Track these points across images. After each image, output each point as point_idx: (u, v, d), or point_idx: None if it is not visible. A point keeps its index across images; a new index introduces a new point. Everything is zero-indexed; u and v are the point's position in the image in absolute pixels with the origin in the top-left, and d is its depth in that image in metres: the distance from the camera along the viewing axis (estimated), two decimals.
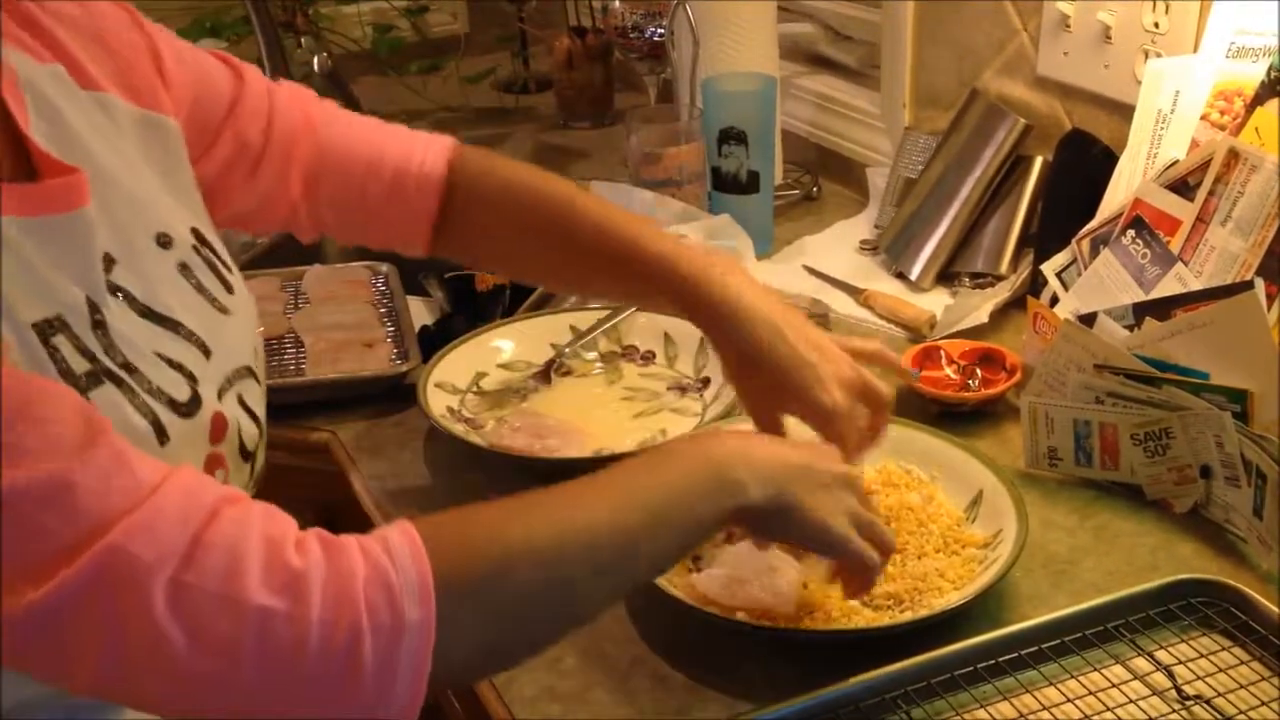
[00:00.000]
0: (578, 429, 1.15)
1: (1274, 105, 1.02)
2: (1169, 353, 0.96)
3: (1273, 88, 1.03)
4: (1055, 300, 1.13)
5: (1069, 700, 0.80)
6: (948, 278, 1.39)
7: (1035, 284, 1.20)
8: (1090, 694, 0.80)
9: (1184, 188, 1.05)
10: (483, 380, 1.24)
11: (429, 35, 2.22)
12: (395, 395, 1.22)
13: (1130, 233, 1.07)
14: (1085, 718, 0.78)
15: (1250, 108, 1.05)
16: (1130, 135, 1.15)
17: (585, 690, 0.86)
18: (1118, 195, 1.14)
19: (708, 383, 1.22)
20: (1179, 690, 0.79)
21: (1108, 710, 0.78)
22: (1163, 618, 0.85)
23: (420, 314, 1.36)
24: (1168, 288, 1.02)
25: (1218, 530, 0.97)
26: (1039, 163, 1.35)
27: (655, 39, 1.68)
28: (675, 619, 0.89)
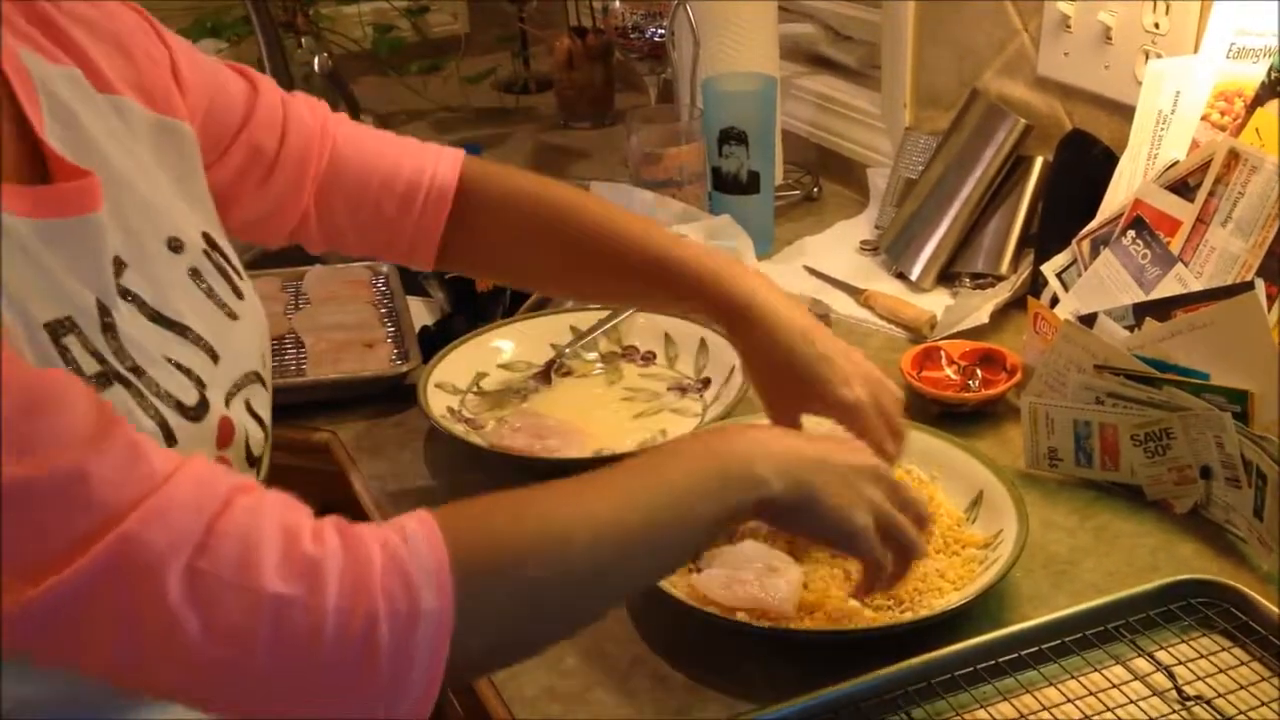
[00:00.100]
0: (578, 429, 1.15)
1: (1274, 106, 1.02)
2: (1169, 353, 0.96)
3: (1273, 88, 1.03)
4: (1055, 301, 1.13)
5: (1069, 700, 0.80)
6: (948, 278, 1.39)
7: (1035, 284, 1.20)
8: (1090, 694, 0.80)
9: (1184, 188, 1.05)
10: (483, 380, 1.24)
11: (429, 35, 2.22)
12: (396, 395, 1.22)
13: (1130, 233, 1.07)
14: (1085, 718, 0.78)
15: (1250, 108, 1.05)
16: (1131, 136, 1.15)
17: (585, 690, 0.86)
18: (1118, 196, 1.14)
19: (708, 383, 1.22)
20: (1179, 691, 0.79)
21: (1108, 710, 0.78)
22: (1163, 618, 0.85)
23: (420, 314, 1.37)
24: (1168, 288, 1.02)
25: (1218, 531, 0.97)
26: (1039, 163, 1.35)
27: (656, 39, 1.68)
28: (675, 619, 0.90)
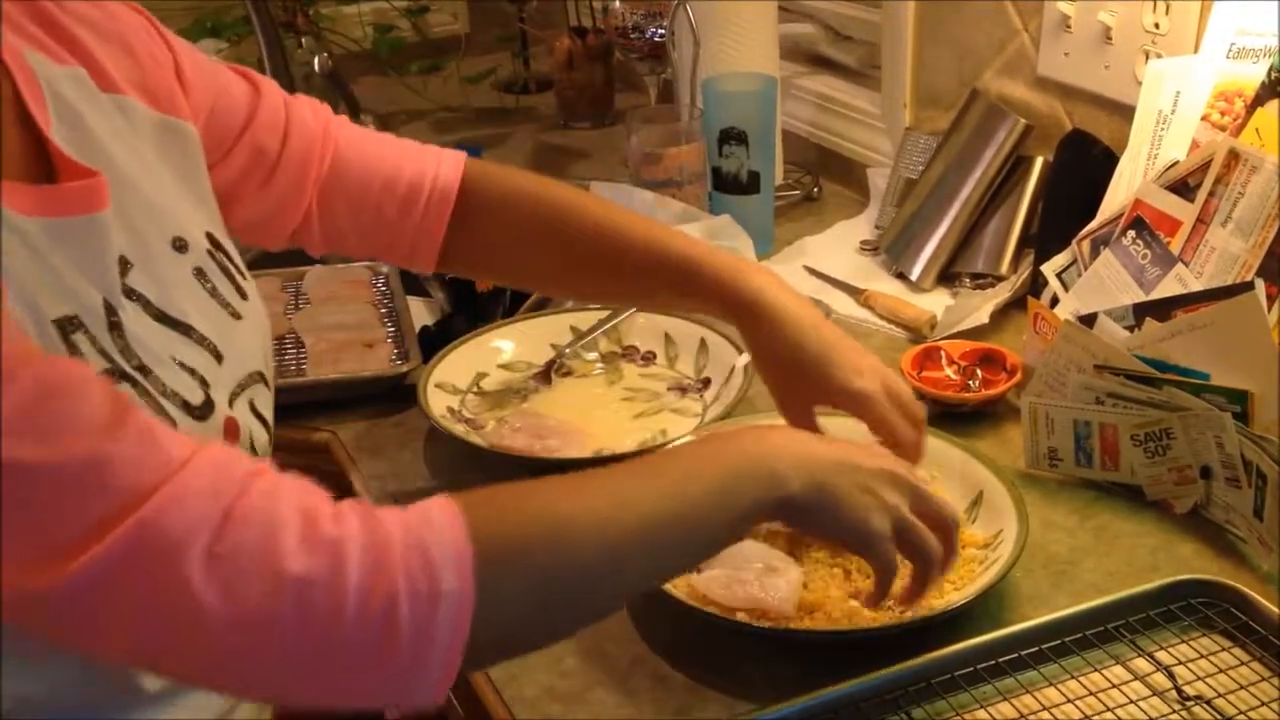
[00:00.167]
0: (578, 429, 1.15)
1: (1274, 106, 1.02)
2: (1169, 353, 0.96)
3: (1273, 88, 1.03)
4: (1055, 301, 1.13)
5: (1069, 701, 0.80)
6: (948, 278, 1.39)
7: (1035, 284, 1.20)
8: (1090, 694, 0.80)
9: (1184, 188, 1.05)
10: (483, 381, 1.24)
11: (429, 35, 2.22)
12: (396, 395, 1.22)
13: (1131, 233, 1.07)
14: (1085, 718, 0.78)
15: (1251, 108, 1.05)
16: (1131, 136, 1.15)
17: (585, 690, 0.86)
18: (1118, 196, 1.14)
19: (708, 383, 1.22)
20: (1179, 691, 0.79)
21: (1108, 710, 0.78)
22: (1163, 618, 0.85)
23: (421, 314, 1.37)
24: (1168, 288, 1.02)
25: (1218, 531, 0.97)
26: (1039, 163, 1.35)
27: (656, 39, 1.68)
28: (676, 619, 0.90)
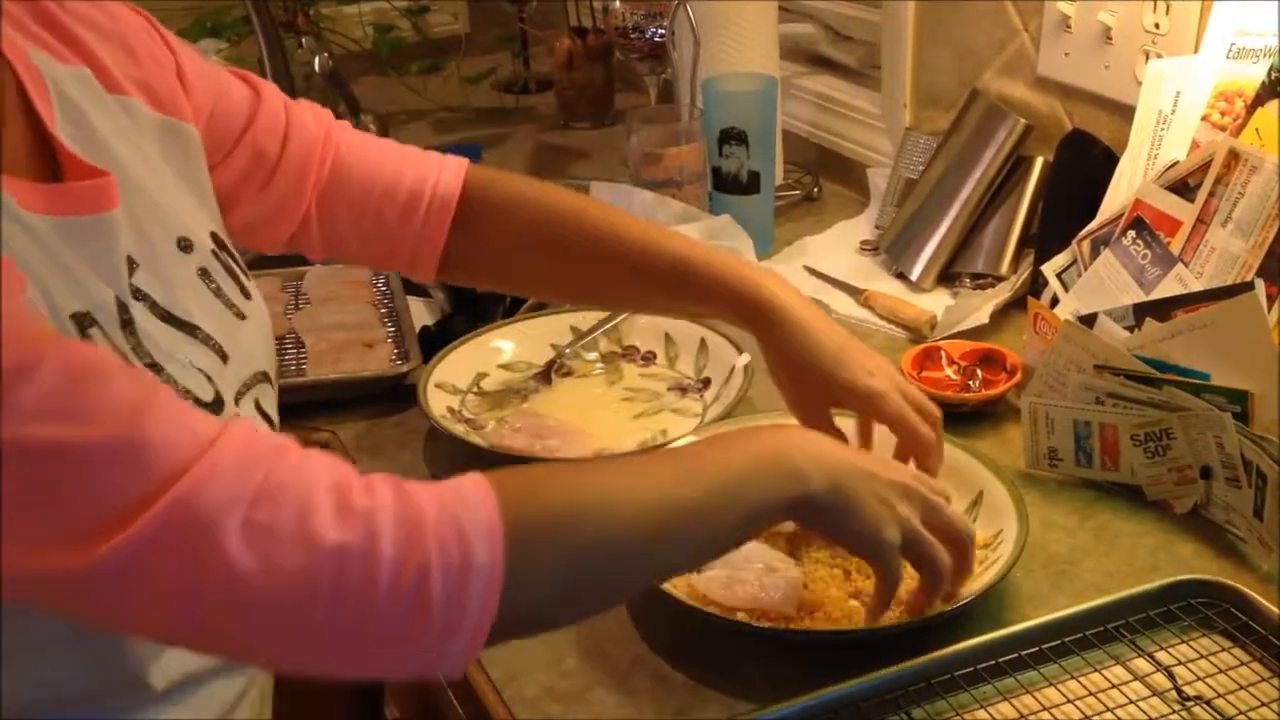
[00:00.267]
0: (578, 429, 1.15)
1: (1274, 106, 1.02)
2: (1169, 353, 0.96)
3: (1273, 88, 1.03)
4: (1056, 301, 1.13)
5: (1069, 701, 0.80)
6: (948, 278, 1.39)
7: (1036, 284, 1.20)
8: (1090, 695, 0.80)
9: (1184, 189, 1.05)
10: (483, 381, 1.24)
11: (429, 35, 2.22)
12: (396, 395, 1.22)
13: (1131, 233, 1.07)
14: (1085, 718, 0.78)
15: (1251, 109, 1.05)
16: (1131, 136, 1.15)
17: (585, 690, 0.86)
18: (1118, 196, 1.14)
19: (708, 383, 1.22)
20: (1179, 691, 0.79)
21: (1108, 711, 0.78)
22: (1163, 618, 0.85)
23: (421, 314, 1.36)
24: (1168, 289, 1.02)
25: (1218, 531, 0.97)
26: (1039, 163, 1.35)
27: (656, 39, 1.68)
28: (675, 619, 0.90)
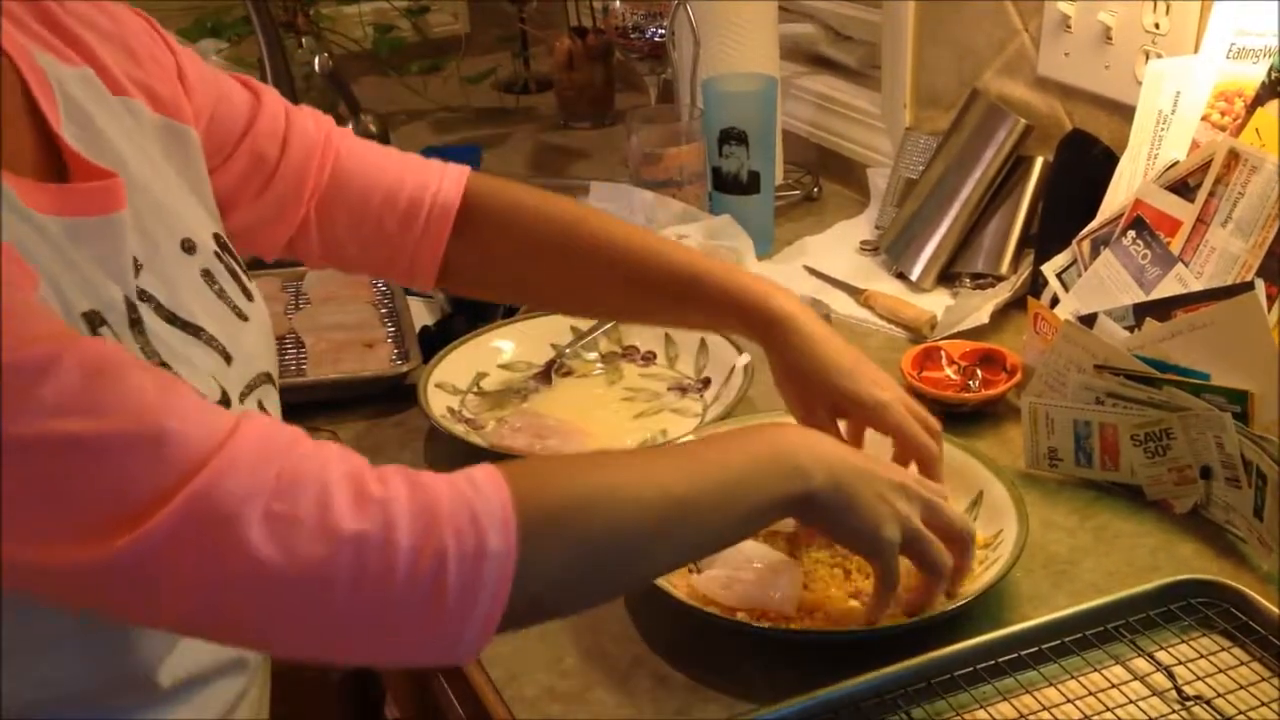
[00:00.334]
0: (578, 429, 1.15)
1: (1274, 106, 1.02)
2: (1169, 353, 0.96)
3: (1273, 88, 1.03)
4: (1056, 301, 1.13)
5: (1069, 701, 0.80)
6: (948, 278, 1.39)
7: (1036, 284, 1.20)
8: (1090, 694, 0.80)
9: (1184, 188, 1.05)
10: (483, 380, 1.24)
11: (430, 35, 2.22)
12: (396, 395, 1.22)
13: (1131, 233, 1.07)
14: (1085, 718, 0.78)
15: (1251, 108, 1.05)
16: (1131, 136, 1.15)
17: (585, 690, 0.86)
18: (1118, 196, 1.14)
19: (708, 383, 1.22)
20: (1179, 691, 0.79)
21: (1108, 710, 0.78)
22: (1163, 618, 0.85)
23: (421, 314, 1.36)
24: (1168, 288, 1.02)
25: (1218, 531, 0.97)
26: (1039, 163, 1.35)
27: (656, 39, 1.68)
28: (676, 619, 0.89)
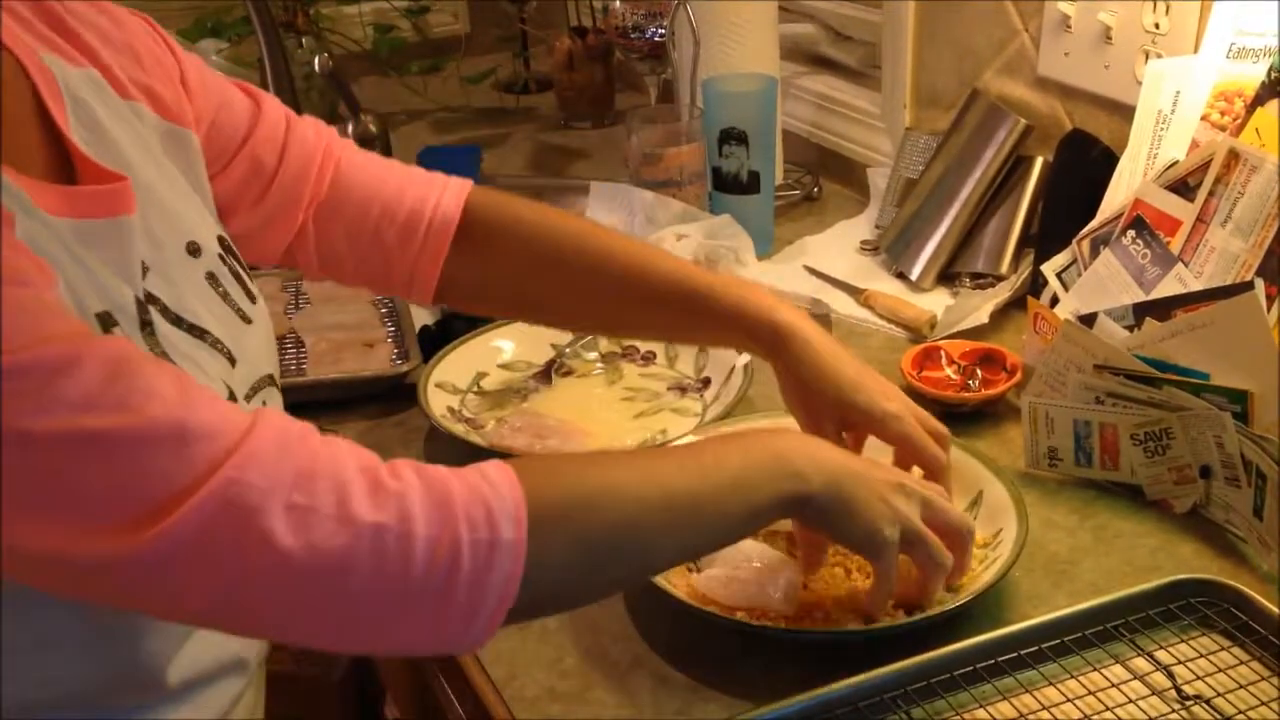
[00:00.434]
0: (578, 429, 1.15)
1: (1274, 106, 1.02)
2: (1169, 353, 0.96)
3: (1273, 88, 1.03)
4: (1055, 300, 1.13)
5: (1069, 700, 0.80)
6: (948, 278, 1.39)
7: (1035, 284, 1.20)
8: (1090, 694, 0.80)
9: (1184, 188, 1.05)
10: (483, 380, 1.24)
11: (430, 35, 2.22)
12: (396, 395, 1.22)
13: (1130, 233, 1.07)
14: (1085, 717, 0.78)
15: (1250, 108, 1.05)
16: (1130, 136, 1.15)
17: (585, 690, 0.86)
18: (1118, 196, 1.14)
19: (708, 383, 1.22)
20: (1179, 690, 0.79)
21: (1107, 710, 0.78)
22: (1163, 618, 0.85)
23: (421, 314, 1.36)
24: (1168, 288, 1.02)
25: (1218, 530, 0.97)
26: (1039, 163, 1.35)
27: (656, 39, 1.68)
28: (675, 619, 0.90)
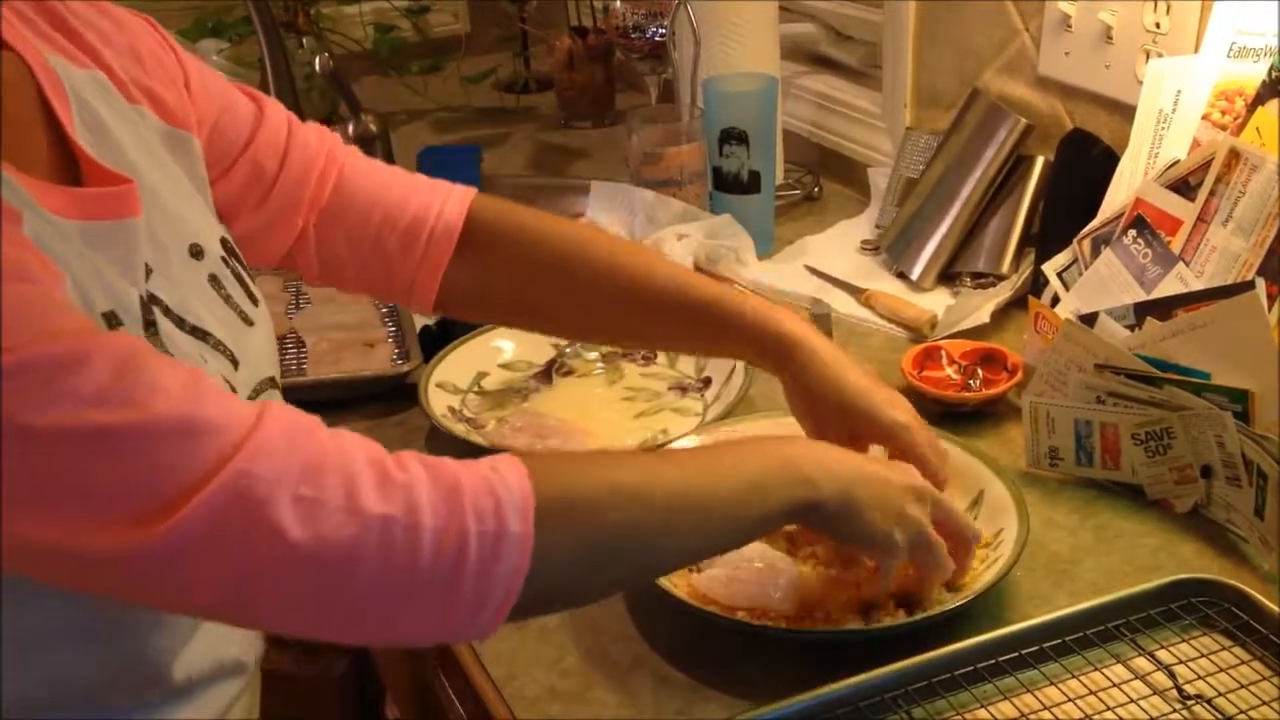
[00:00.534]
0: (579, 429, 1.15)
1: (1275, 105, 1.02)
2: (1170, 352, 0.96)
3: (1274, 87, 1.03)
4: (1056, 300, 1.13)
5: (1070, 700, 0.80)
6: (949, 277, 1.39)
7: (1036, 284, 1.20)
8: (1091, 693, 0.80)
9: (1185, 188, 1.05)
10: (484, 380, 1.24)
11: (430, 35, 2.22)
12: (397, 395, 1.22)
13: (1131, 232, 1.07)
14: (1086, 717, 0.78)
15: (1251, 108, 1.05)
16: (1131, 135, 1.15)
17: (586, 690, 0.86)
18: (1119, 195, 1.14)
19: (708, 383, 1.22)
20: (1180, 690, 0.79)
21: (1109, 710, 0.78)
22: (1164, 617, 0.85)
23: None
24: (1169, 288, 1.02)
25: (1219, 530, 0.97)
26: (1040, 163, 1.35)
27: (656, 39, 1.68)
28: (676, 618, 0.90)
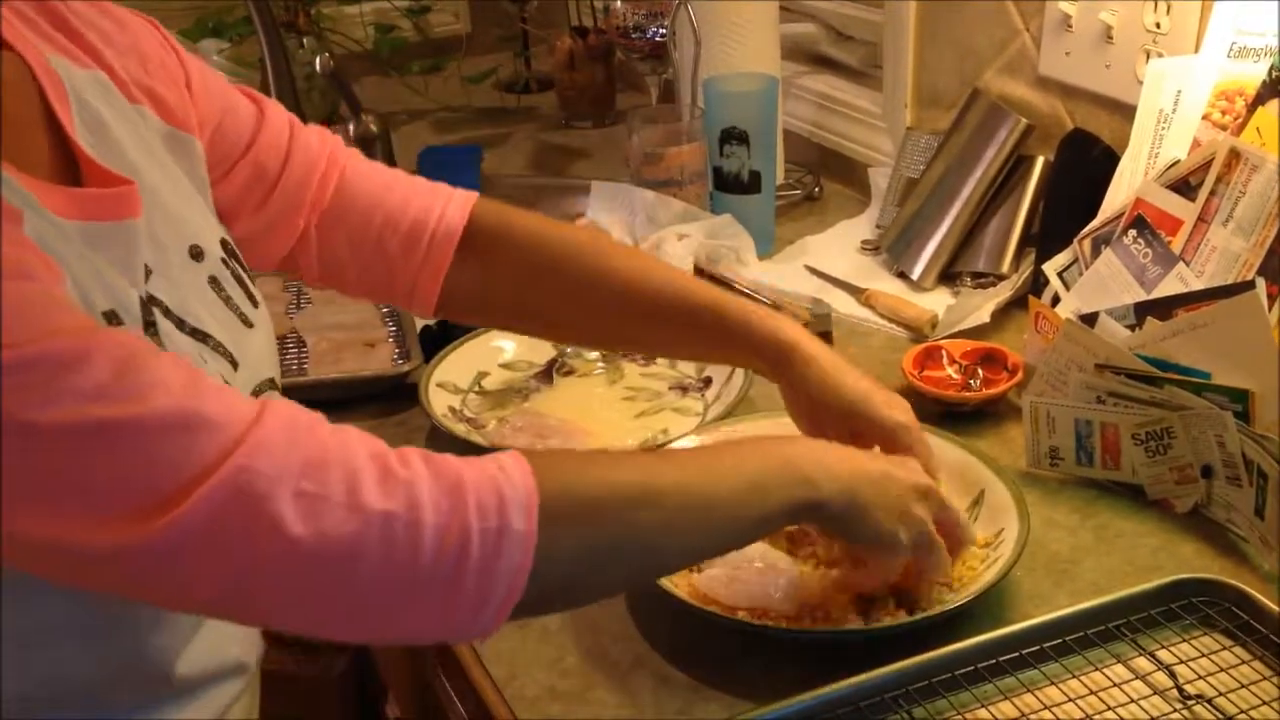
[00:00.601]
0: (580, 429, 1.15)
1: (1275, 105, 1.02)
2: (1170, 352, 0.96)
3: (1274, 87, 1.03)
4: (1057, 300, 1.13)
5: (1070, 699, 0.80)
6: (949, 277, 1.39)
7: (1037, 284, 1.20)
8: (1092, 693, 0.80)
9: (1185, 187, 1.05)
10: (484, 380, 1.24)
11: (430, 35, 2.22)
12: (397, 395, 1.22)
13: (1132, 232, 1.07)
14: (1087, 717, 0.78)
15: (1251, 107, 1.05)
16: (1132, 135, 1.15)
17: (586, 690, 0.86)
18: (1119, 195, 1.14)
19: (709, 383, 1.22)
20: (1180, 689, 0.79)
21: (1109, 709, 0.78)
22: (1164, 617, 0.85)
23: None
24: (1169, 287, 1.02)
25: (1219, 530, 0.97)
26: (1040, 163, 1.35)
27: (657, 39, 1.68)
28: (676, 618, 0.90)
